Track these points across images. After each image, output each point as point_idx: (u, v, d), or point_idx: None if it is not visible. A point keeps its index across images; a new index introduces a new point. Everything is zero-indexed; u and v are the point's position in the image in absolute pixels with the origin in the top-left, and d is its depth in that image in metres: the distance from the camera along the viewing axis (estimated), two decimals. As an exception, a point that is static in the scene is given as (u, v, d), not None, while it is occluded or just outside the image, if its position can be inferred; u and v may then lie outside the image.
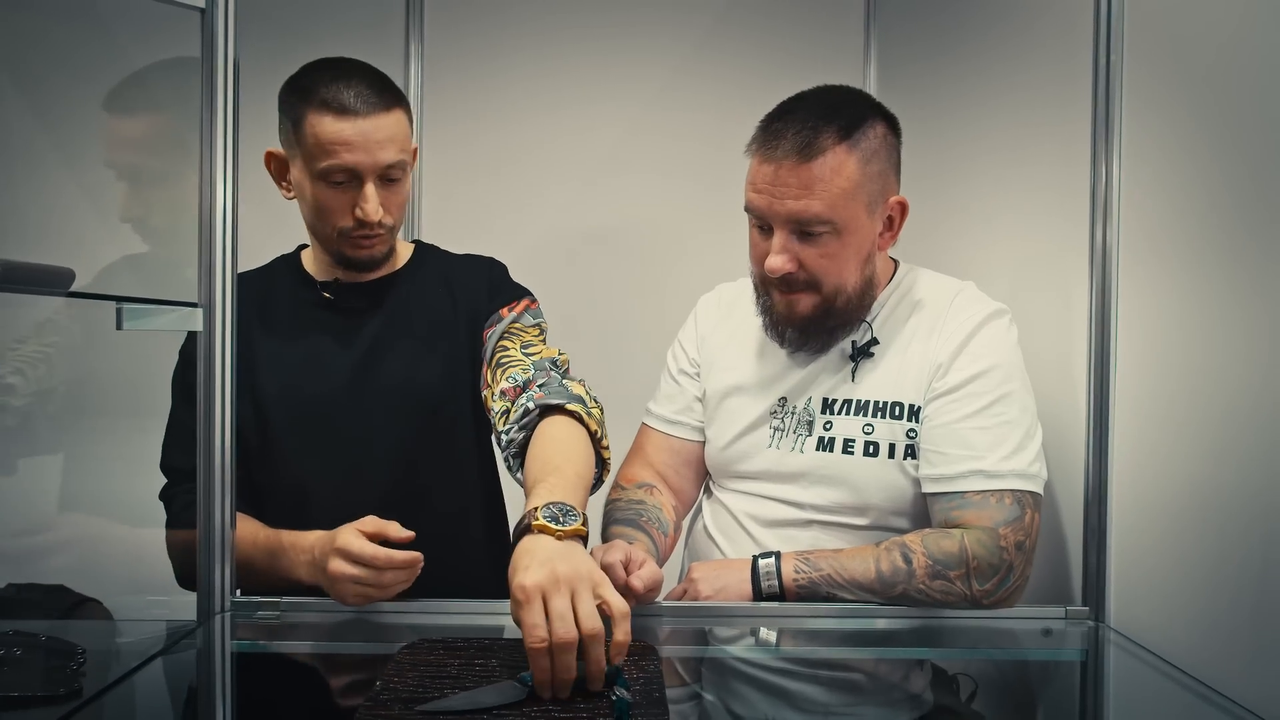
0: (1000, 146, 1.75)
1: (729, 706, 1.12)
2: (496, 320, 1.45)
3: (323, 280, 1.47)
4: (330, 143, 1.32)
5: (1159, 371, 1.24)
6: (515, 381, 1.35)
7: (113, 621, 1.31)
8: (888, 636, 1.28)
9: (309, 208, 1.39)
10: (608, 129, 2.16)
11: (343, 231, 1.38)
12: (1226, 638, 1.09)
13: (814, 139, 1.29)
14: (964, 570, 1.28)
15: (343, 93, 1.32)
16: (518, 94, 2.13)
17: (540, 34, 2.16)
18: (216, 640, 1.21)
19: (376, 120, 1.33)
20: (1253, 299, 1.06)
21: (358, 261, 1.42)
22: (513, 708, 0.95)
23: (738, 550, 1.43)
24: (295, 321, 1.46)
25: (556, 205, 2.16)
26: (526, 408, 1.30)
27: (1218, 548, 1.11)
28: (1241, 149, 1.09)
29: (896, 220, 1.38)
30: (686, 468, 1.55)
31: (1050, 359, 1.47)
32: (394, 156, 1.35)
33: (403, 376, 1.44)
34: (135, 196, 1.50)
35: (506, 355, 1.40)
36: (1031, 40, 1.66)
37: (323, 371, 1.43)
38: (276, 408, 1.42)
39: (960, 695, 1.17)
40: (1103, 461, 1.32)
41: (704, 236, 1.82)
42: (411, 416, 1.44)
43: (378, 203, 1.35)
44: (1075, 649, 1.29)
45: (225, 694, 1.13)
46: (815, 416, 1.41)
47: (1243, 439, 1.07)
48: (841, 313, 1.38)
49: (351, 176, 1.34)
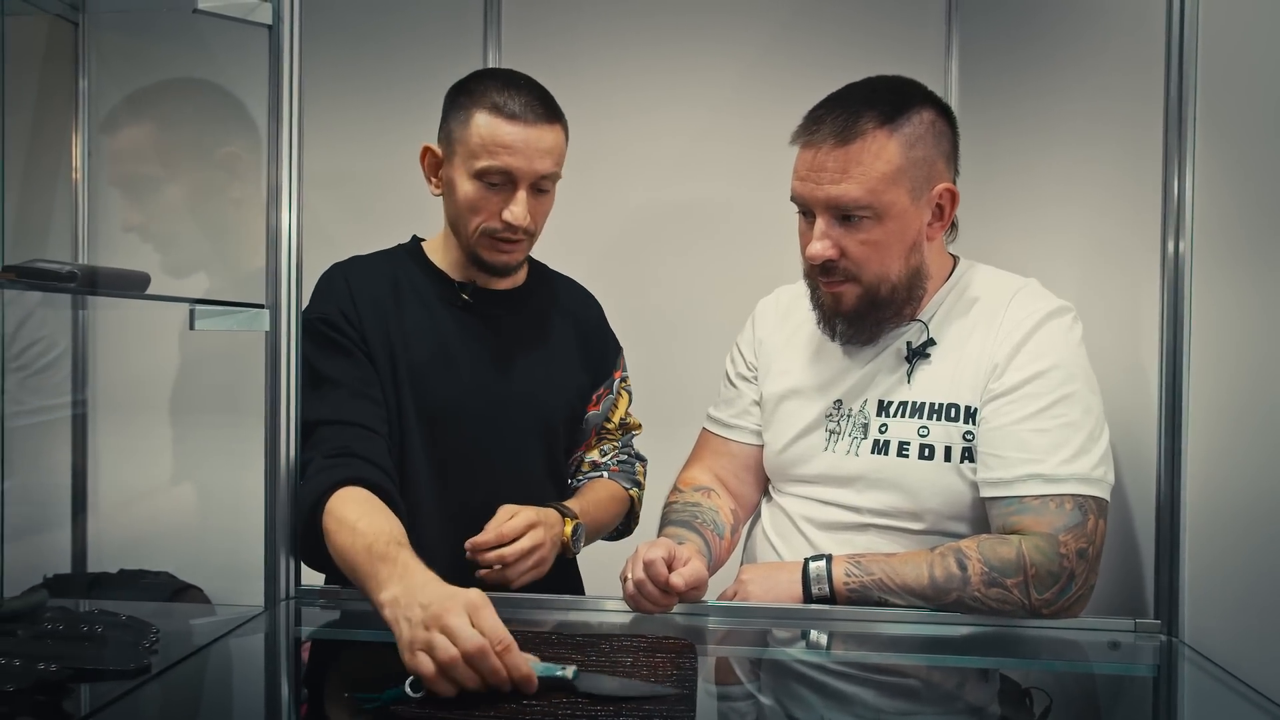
0: (1072, 145, 1.70)
1: (785, 708, 1.11)
2: (610, 384, 1.62)
3: (459, 281, 1.49)
4: (494, 144, 1.37)
5: (1234, 377, 1.18)
6: (604, 454, 1.63)
7: (191, 605, 1.40)
8: (944, 643, 1.25)
9: (457, 205, 1.42)
10: (679, 134, 2.17)
11: (487, 231, 1.41)
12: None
13: (853, 123, 1.28)
14: (1022, 578, 1.23)
15: (513, 100, 1.37)
16: (591, 101, 2.15)
17: (612, 42, 2.19)
18: (281, 625, 1.27)
19: (540, 130, 1.38)
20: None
21: (493, 265, 1.45)
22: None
23: (794, 553, 1.42)
24: (429, 315, 1.46)
25: (628, 209, 2.19)
26: (602, 473, 1.60)
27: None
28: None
29: (947, 209, 1.35)
30: (746, 472, 1.54)
31: (1118, 359, 1.41)
32: (549, 168, 1.40)
33: (530, 390, 1.48)
34: (135, 206, 1.59)
35: (607, 429, 1.63)
36: (1106, 40, 1.61)
37: (454, 372, 1.45)
38: (414, 394, 1.43)
39: (1034, 710, 1.13)
40: (1175, 468, 1.26)
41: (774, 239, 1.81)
42: (530, 430, 1.49)
43: (526, 208, 1.39)
44: (1146, 664, 1.23)
45: (286, 676, 1.18)
46: (870, 419, 1.39)
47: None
48: (888, 303, 1.35)
49: (506, 180, 1.38)
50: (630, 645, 1.13)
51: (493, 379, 1.47)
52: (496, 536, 1.34)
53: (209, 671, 1.14)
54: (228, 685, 1.15)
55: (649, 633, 1.19)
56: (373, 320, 1.42)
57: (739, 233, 2.16)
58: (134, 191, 1.70)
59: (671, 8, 2.17)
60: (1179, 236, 1.27)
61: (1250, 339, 1.14)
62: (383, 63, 2.14)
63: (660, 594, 1.24)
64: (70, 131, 2.00)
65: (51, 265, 1.04)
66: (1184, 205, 1.26)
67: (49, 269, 1.04)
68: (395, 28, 2.17)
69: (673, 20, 2.17)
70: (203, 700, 1.09)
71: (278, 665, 1.22)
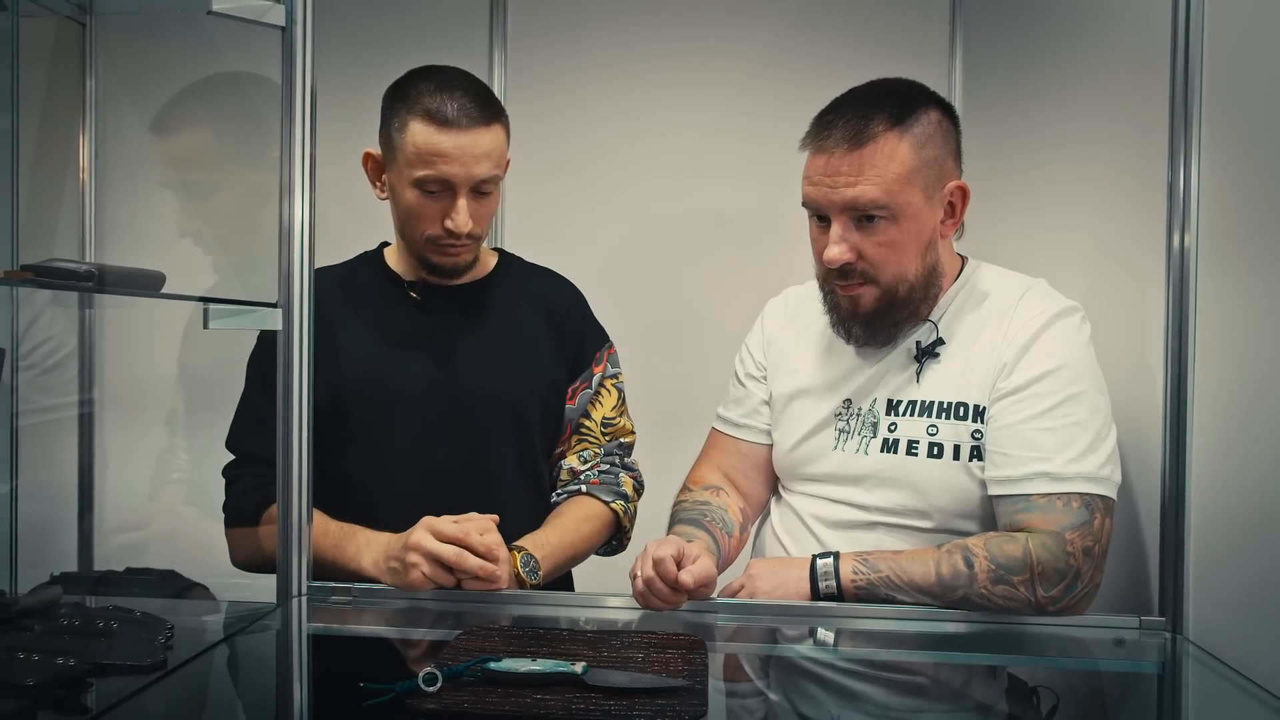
0: (1078, 144, 1.71)
1: (793, 704, 1.11)
2: (588, 379, 1.56)
3: (409, 280, 1.51)
4: (429, 153, 1.37)
5: (1239, 375, 1.19)
6: (584, 461, 1.55)
7: (202, 601, 1.41)
8: (951, 640, 1.26)
9: (400, 212, 1.44)
10: (685, 132, 2.18)
11: (430, 238, 1.43)
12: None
13: (865, 126, 1.29)
14: (1028, 575, 1.24)
15: (446, 105, 1.36)
16: (597, 98, 2.17)
17: (618, 40, 2.19)
18: (293, 621, 1.28)
19: (476, 135, 1.37)
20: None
21: (441, 268, 1.47)
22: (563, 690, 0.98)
23: (803, 551, 1.43)
24: (380, 317, 1.50)
25: (634, 207, 2.19)
26: (580, 487, 1.53)
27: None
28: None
29: (958, 206, 1.36)
30: (755, 470, 1.55)
31: (1125, 358, 1.42)
32: (488, 171, 1.39)
33: (484, 382, 1.48)
34: (190, 211, 1.60)
35: (587, 430, 1.56)
36: (1111, 39, 1.63)
37: (405, 370, 1.47)
38: (355, 400, 1.46)
39: (1041, 709, 1.13)
40: (1180, 467, 1.27)
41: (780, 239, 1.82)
42: (489, 422, 1.48)
43: (468, 215, 1.40)
44: (1151, 661, 1.24)
45: (299, 671, 1.19)
46: (880, 418, 1.40)
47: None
48: (905, 303, 1.36)
49: (445, 187, 1.39)
50: (641, 641, 1.14)
51: (448, 375, 1.47)
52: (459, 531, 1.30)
53: (223, 667, 1.15)
54: (242, 680, 1.16)
55: (659, 629, 1.20)
56: (322, 331, 1.39)
57: (746, 233, 2.17)
58: (184, 194, 1.72)
59: (676, 7, 2.18)
60: (1184, 231, 1.28)
61: (1256, 337, 1.15)
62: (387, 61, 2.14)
63: (670, 591, 1.25)
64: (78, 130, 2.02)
65: (70, 264, 1.05)
66: (1189, 201, 1.27)
67: (67, 268, 1.05)
68: (399, 27, 2.17)
69: (677, 20, 2.18)
70: (219, 695, 1.10)
71: (290, 660, 1.23)
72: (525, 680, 0.98)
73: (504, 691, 0.97)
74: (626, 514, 1.54)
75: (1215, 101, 1.25)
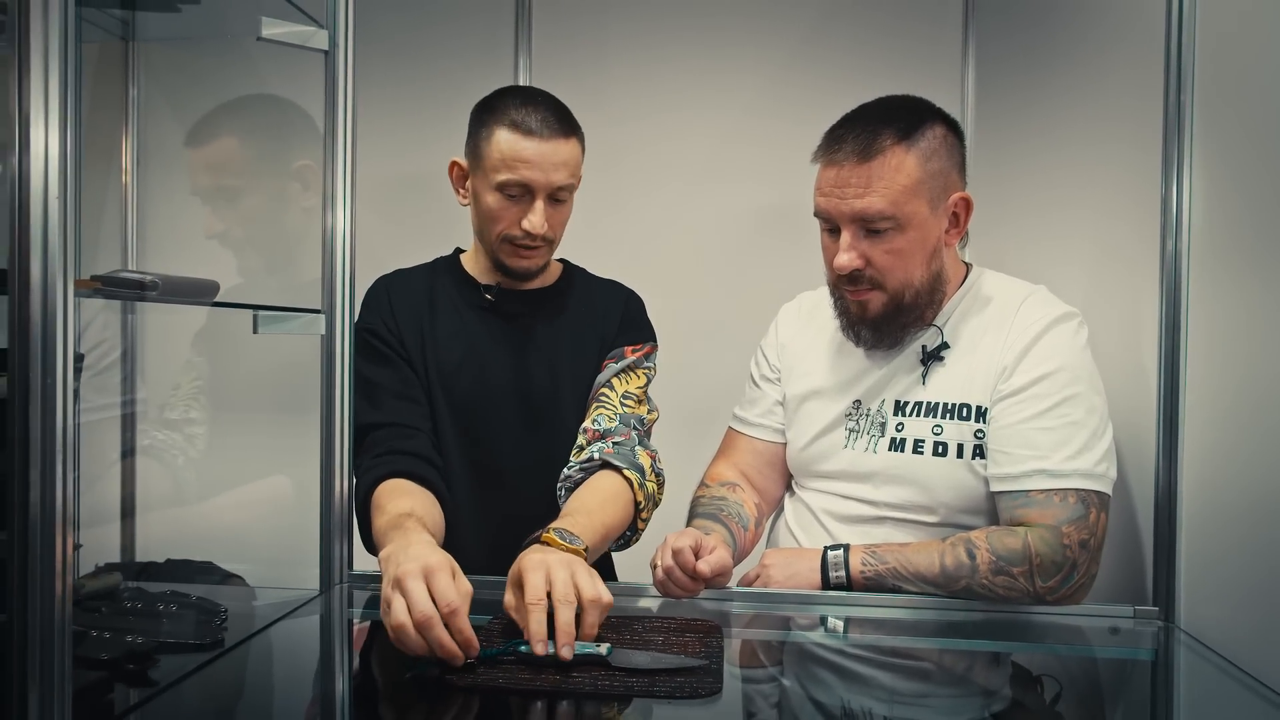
0: (1080, 151, 1.76)
1: (804, 688, 1.17)
2: (619, 356, 1.59)
3: (485, 284, 1.60)
4: (512, 159, 1.46)
5: (1228, 375, 1.25)
6: (599, 427, 1.52)
7: (251, 587, 1.50)
8: (953, 628, 1.32)
9: (481, 214, 1.53)
10: (704, 136, 2.22)
11: (508, 239, 1.52)
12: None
13: (873, 140, 1.36)
14: (1027, 567, 1.31)
15: (530, 116, 1.47)
16: (619, 102, 2.21)
17: (640, 44, 2.24)
18: (335, 607, 1.36)
19: (555, 145, 1.47)
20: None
21: (515, 270, 1.55)
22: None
23: (815, 544, 1.50)
24: (457, 318, 1.58)
25: (655, 209, 2.23)
26: (593, 456, 1.48)
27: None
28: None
29: (962, 217, 1.43)
30: (769, 468, 1.63)
31: (1122, 361, 1.48)
32: (565, 179, 1.49)
33: (550, 387, 1.57)
34: (216, 215, 1.70)
35: (606, 397, 1.56)
36: (1112, 46, 1.67)
37: (479, 369, 1.55)
38: (441, 396, 1.54)
39: (1045, 696, 1.18)
40: (1173, 463, 1.33)
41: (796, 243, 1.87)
42: (550, 426, 1.56)
43: (543, 218, 1.49)
44: (1144, 649, 1.30)
45: (342, 652, 1.28)
46: (888, 418, 1.47)
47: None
48: (911, 308, 1.43)
49: (525, 191, 1.48)
50: (661, 626, 1.22)
51: (517, 376, 1.55)
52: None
53: (274, 647, 1.24)
54: (290, 659, 1.25)
55: (678, 615, 1.28)
56: (410, 328, 1.54)
57: (765, 234, 2.21)
58: (215, 201, 1.81)
59: (698, 14, 2.22)
60: (1177, 239, 1.33)
61: (1246, 339, 1.21)
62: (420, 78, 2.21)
63: (688, 580, 1.32)
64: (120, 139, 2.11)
65: (134, 275, 1.13)
66: (1181, 211, 1.33)
67: (133, 279, 1.13)
68: (431, 43, 2.25)
69: (699, 25, 2.22)
70: (277, 670, 1.19)
71: (333, 643, 1.31)
72: (554, 660, 1.06)
73: (535, 670, 1.05)
74: (641, 488, 1.47)
75: (1207, 114, 1.30)
